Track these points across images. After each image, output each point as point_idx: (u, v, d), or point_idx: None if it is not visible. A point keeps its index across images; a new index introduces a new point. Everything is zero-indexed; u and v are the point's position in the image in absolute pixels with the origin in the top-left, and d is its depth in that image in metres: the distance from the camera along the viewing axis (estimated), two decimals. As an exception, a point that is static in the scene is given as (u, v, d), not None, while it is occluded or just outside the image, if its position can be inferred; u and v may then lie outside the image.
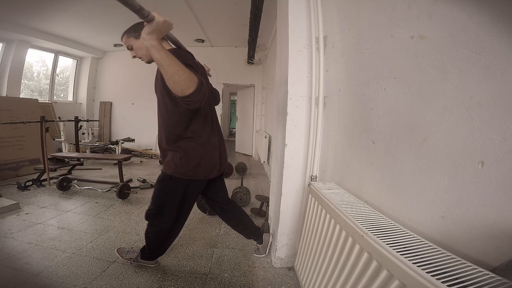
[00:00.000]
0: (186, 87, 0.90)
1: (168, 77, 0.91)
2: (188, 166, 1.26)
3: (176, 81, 0.90)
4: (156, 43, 0.90)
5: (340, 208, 0.93)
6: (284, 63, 1.54)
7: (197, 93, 0.92)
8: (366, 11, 1.05)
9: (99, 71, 6.26)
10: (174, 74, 0.89)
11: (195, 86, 0.91)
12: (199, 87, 0.92)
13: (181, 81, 0.90)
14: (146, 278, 1.48)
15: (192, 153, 1.26)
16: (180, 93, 0.91)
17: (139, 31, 1.20)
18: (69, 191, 3.01)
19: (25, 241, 1.82)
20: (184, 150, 1.25)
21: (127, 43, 1.26)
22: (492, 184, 0.55)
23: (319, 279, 1.06)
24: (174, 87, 0.91)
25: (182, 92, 0.91)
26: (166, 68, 0.90)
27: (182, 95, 0.92)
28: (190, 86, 0.90)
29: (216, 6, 3.58)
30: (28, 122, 3.36)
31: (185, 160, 1.25)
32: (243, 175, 3.85)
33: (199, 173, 1.29)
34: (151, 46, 0.90)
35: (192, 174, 1.28)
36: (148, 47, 0.90)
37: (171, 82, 0.91)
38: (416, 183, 0.76)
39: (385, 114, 0.92)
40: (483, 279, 0.52)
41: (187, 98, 0.92)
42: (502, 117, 0.54)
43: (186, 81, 0.90)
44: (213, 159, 1.35)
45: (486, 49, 0.57)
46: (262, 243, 1.73)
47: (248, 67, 5.65)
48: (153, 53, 0.90)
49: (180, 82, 0.90)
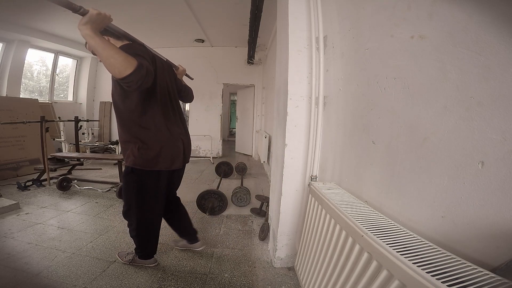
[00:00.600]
0: (123, 69, 0.95)
1: (104, 61, 0.96)
2: (148, 157, 1.27)
3: (111, 63, 0.95)
4: (90, 32, 0.95)
5: (340, 208, 0.93)
6: (284, 63, 1.54)
7: (135, 75, 0.97)
8: (366, 11, 1.05)
9: (99, 71, 6.26)
10: (110, 57, 0.95)
11: (132, 68, 0.96)
12: (138, 69, 0.97)
13: (117, 63, 0.95)
14: (146, 278, 1.48)
15: (150, 143, 1.27)
16: (118, 75, 0.96)
17: None
18: (69, 191, 3.01)
19: (25, 241, 1.82)
20: (142, 140, 1.26)
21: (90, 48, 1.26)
22: (492, 184, 0.55)
23: (319, 279, 1.06)
24: (111, 70, 0.96)
25: (119, 74, 0.96)
26: (100, 52, 0.95)
27: (120, 77, 0.97)
28: (127, 67, 0.95)
29: (216, 6, 3.58)
30: (28, 122, 3.36)
31: (144, 151, 1.26)
32: (243, 175, 3.85)
33: (160, 164, 1.30)
34: (85, 35, 0.96)
35: (152, 164, 1.28)
36: (83, 36, 0.96)
37: (107, 65, 0.96)
38: (416, 183, 0.76)
39: (385, 114, 0.92)
40: (483, 279, 0.52)
41: (125, 79, 0.97)
42: (502, 117, 0.54)
43: (122, 63, 0.95)
44: (175, 149, 1.35)
45: (486, 49, 0.57)
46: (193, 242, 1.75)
47: (248, 67, 5.65)
48: (88, 41, 0.96)
49: (115, 64, 0.95)
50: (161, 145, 1.29)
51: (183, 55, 5.53)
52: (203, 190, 2.42)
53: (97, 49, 0.95)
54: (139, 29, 4.50)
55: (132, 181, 1.33)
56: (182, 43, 5.38)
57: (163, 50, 2.46)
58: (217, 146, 5.90)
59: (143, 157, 1.26)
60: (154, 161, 1.28)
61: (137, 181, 1.32)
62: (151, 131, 1.27)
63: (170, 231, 1.81)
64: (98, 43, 0.95)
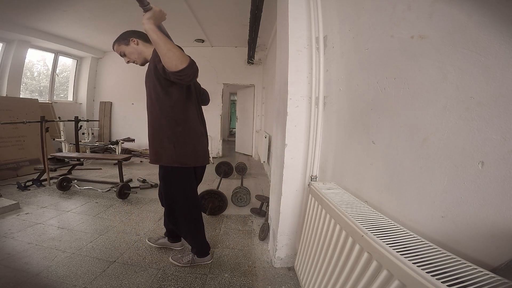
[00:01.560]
0: (179, 62, 1.03)
1: (164, 53, 1.03)
2: (185, 154, 1.33)
3: (170, 57, 1.03)
4: (153, 26, 1.04)
5: (340, 208, 0.93)
6: (284, 63, 1.54)
7: (189, 69, 1.06)
8: (366, 11, 1.05)
9: (99, 71, 6.26)
10: (169, 51, 1.03)
11: (187, 62, 1.05)
12: (191, 64, 1.06)
13: (175, 57, 1.03)
14: (146, 278, 1.48)
15: (186, 140, 1.34)
16: (174, 68, 1.04)
17: (127, 38, 1.35)
18: (69, 191, 3.01)
19: (25, 241, 1.82)
20: (178, 138, 1.32)
21: (119, 50, 1.38)
22: (492, 184, 0.55)
23: (319, 279, 1.06)
24: (168, 63, 1.04)
25: (175, 67, 1.04)
26: (162, 46, 1.03)
27: (176, 70, 1.04)
28: (183, 61, 1.04)
29: (216, 6, 3.58)
30: (28, 122, 3.36)
31: (180, 149, 1.33)
32: (243, 175, 3.85)
33: (195, 160, 1.38)
34: (149, 28, 1.04)
35: (189, 161, 1.35)
36: (147, 29, 1.04)
37: (166, 58, 1.04)
38: (416, 183, 0.76)
39: (385, 114, 0.92)
40: (483, 279, 0.52)
41: (180, 72, 1.05)
42: (502, 117, 0.54)
43: (179, 57, 1.04)
44: (205, 147, 1.45)
45: (486, 49, 0.57)
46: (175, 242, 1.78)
47: (248, 67, 5.65)
48: (151, 34, 1.04)
49: (173, 58, 1.03)
50: (195, 142, 1.37)
51: (183, 55, 5.53)
52: (203, 190, 2.42)
53: (158, 42, 1.03)
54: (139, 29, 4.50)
55: (174, 179, 1.38)
56: (182, 43, 5.30)
57: (163, 50, 2.47)
58: (217, 146, 5.90)
59: (180, 154, 1.33)
60: (191, 158, 1.36)
61: (178, 179, 1.38)
62: (186, 129, 1.34)
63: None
64: (160, 37, 1.03)
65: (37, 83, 5.67)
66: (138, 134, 5.93)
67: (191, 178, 1.43)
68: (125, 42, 1.36)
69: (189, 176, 1.41)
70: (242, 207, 2.68)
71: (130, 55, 1.38)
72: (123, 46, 1.37)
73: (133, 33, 1.39)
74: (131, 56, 1.38)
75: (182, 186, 1.41)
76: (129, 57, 1.38)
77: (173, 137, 1.32)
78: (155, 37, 1.03)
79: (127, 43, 1.36)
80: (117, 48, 1.38)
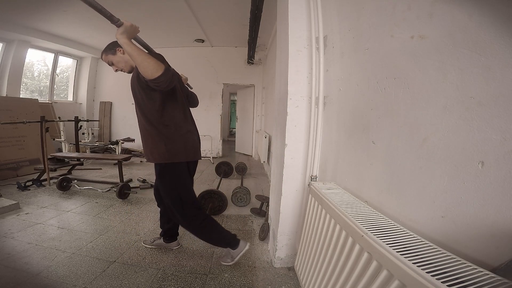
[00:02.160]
0: (154, 71, 1.11)
1: (139, 64, 1.11)
2: (175, 151, 1.40)
3: (145, 66, 1.11)
4: (127, 40, 1.13)
5: (340, 208, 0.93)
6: (284, 63, 1.54)
7: (164, 76, 1.13)
8: (366, 11, 1.05)
9: (99, 71, 6.26)
10: (143, 61, 1.11)
11: (162, 70, 1.12)
12: (166, 71, 1.14)
13: (150, 66, 1.11)
14: (146, 278, 1.48)
15: (174, 138, 1.41)
16: (150, 76, 1.11)
17: (114, 48, 1.42)
18: (69, 191, 3.01)
19: (25, 241, 1.82)
20: (167, 137, 1.40)
21: (107, 60, 1.45)
22: (492, 184, 0.55)
23: (319, 279, 1.06)
24: (144, 72, 1.12)
25: (151, 75, 1.11)
26: (136, 57, 1.11)
27: (152, 78, 1.12)
28: (158, 70, 1.11)
29: (216, 6, 3.58)
30: (28, 122, 3.36)
31: (170, 146, 1.40)
32: (243, 175, 3.85)
33: (186, 155, 1.44)
34: (123, 43, 1.13)
35: (180, 157, 1.42)
36: (121, 44, 1.13)
37: (141, 68, 1.11)
38: (416, 183, 0.76)
39: (385, 114, 0.92)
40: (483, 279, 0.52)
41: (156, 80, 1.12)
42: (502, 117, 0.54)
43: (154, 66, 1.11)
44: (195, 143, 1.52)
45: (486, 49, 0.57)
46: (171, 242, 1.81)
47: (248, 67, 5.65)
48: (125, 48, 1.13)
49: (148, 67, 1.11)
50: (184, 139, 1.44)
51: (183, 55, 5.54)
52: (203, 190, 2.42)
53: (133, 54, 1.11)
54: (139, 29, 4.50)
55: (168, 175, 1.44)
56: (182, 43, 5.39)
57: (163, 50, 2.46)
58: (217, 146, 5.90)
59: (172, 151, 1.40)
60: (182, 153, 1.43)
61: (173, 174, 1.44)
62: (173, 128, 1.41)
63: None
64: (134, 49, 1.12)
65: (37, 83, 5.66)
66: (138, 134, 5.86)
67: (185, 172, 1.48)
68: (112, 52, 1.42)
69: (183, 170, 1.46)
70: (242, 207, 2.68)
71: (118, 63, 1.44)
72: (110, 55, 1.43)
73: None
74: (118, 64, 1.44)
75: (179, 181, 1.45)
76: (117, 65, 1.45)
77: (163, 136, 1.39)
78: (129, 49, 1.11)
79: (114, 53, 1.42)
80: (105, 58, 1.45)
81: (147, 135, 1.43)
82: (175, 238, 1.83)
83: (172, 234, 1.80)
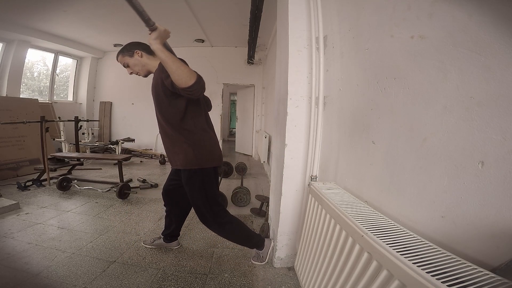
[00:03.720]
0: (188, 79, 1.08)
1: (173, 72, 1.08)
2: (203, 156, 1.38)
3: (179, 74, 1.08)
4: (161, 46, 1.08)
5: (340, 208, 0.93)
6: (284, 63, 1.54)
7: (197, 84, 1.11)
8: (366, 11, 1.05)
9: (99, 71, 6.26)
10: (178, 69, 1.07)
11: (195, 78, 1.10)
12: (198, 79, 1.11)
13: (184, 74, 1.08)
14: (146, 278, 1.48)
15: (202, 143, 1.38)
16: (184, 84, 1.09)
17: (132, 50, 1.38)
18: (69, 191, 3.01)
19: (25, 241, 1.82)
20: (194, 142, 1.37)
21: (123, 61, 1.41)
22: (492, 184, 0.55)
23: (319, 279, 1.06)
24: (178, 80, 1.08)
25: (185, 84, 1.08)
26: (171, 64, 1.07)
27: (185, 86, 1.09)
28: (191, 78, 1.09)
29: (216, 6, 3.58)
30: (28, 122, 3.36)
31: (198, 151, 1.37)
32: (243, 175, 3.85)
33: (214, 160, 1.43)
34: (157, 49, 1.07)
35: (209, 162, 1.40)
36: (155, 49, 1.08)
37: (175, 76, 1.08)
38: (416, 183, 0.76)
39: (385, 114, 0.92)
40: (483, 279, 0.52)
41: (189, 88, 1.10)
42: (502, 117, 0.54)
43: (187, 74, 1.08)
44: (218, 148, 1.49)
45: (486, 49, 0.57)
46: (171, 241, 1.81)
47: (248, 67, 5.64)
48: (158, 54, 1.08)
49: (182, 75, 1.08)
50: (210, 144, 1.42)
51: (183, 55, 5.48)
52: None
53: (167, 61, 1.07)
54: (139, 29, 4.50)
55: (198, 181, 1.40)
56: (182, 43, 5.38)
57: (163, 50, 2.47)
58: (217, 146, 5.89)
59: (200, 157, 1.37)
60: (210, 158, 1.41)
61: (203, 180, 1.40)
62: (198, 134, 1.38)
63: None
64: (168, 56, 1.08)
65: (37, 83, 5.66)
66: (138, 134, 5.93)
67: (214, 176, 1.46)
68: (129, 54, 1.38)
69: (211, 175, 1.44)
70: (242, 207, 2.68)
71: (134, 66, 1.40)
72: (127, 57, 1.39)
73: (137, 45, 1.40)
74: (134, 68, 1.40)
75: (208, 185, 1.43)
76: (133, 68, 1.41)
77: (190, 142, 1.36)
78: (163, 56, 1.07)
79: (131, 55, 1.38)
80: (121, 59, 1.41)
81: (172, 141, 1.39)
82: (175, 238, 1.83)
83: (173, 235, 1.80)
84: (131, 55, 1.38)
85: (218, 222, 1.47)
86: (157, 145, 6.01)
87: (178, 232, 1.82)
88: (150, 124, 5.99)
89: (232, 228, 1.51)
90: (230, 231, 1.53)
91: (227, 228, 1.50)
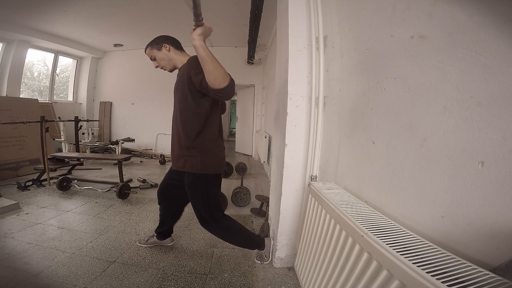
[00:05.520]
0: (222, 81, 1.07)
1: (210, 71, 1.06)
2: (211, 162, 1.36)
3: (215, 75, 1.06)
4: (203, 43, 1.06)
5: (340, 208, 0.93)
6: (284, 63, 1.54)
7: (230, 88, 1.09)
8: (366, 11, 1.05)
9: (99, 71, 6.26)
10: (215, 69, 1.06)
11: (228, 81, 1.08)
12: (231, 83, 1.10)
13: (220, 76, 1.06)
14: (146, 278, 1.48)
15: (211, 150, 1.36)
16: (217, 86, 1.07)
17: (160, 44, 1.37)
18: (69, 191, 3.01)
19: (25, 241, 1.82)
20: (203, 147, 1.34)
21: (150, 54, 1.40)
22: (492, 184, 0.55)
23: (319, 279, 1.06)
24: (213, 80, 1.07)
25: (219, 85, 1.07)
26: (209, 63, 1.05)
27: (219, 88, 1.07)
28: (225, 80, 1.07)
29: (216, 6, 3.58)
30: (28, 122, 3.36)
31: (206, 157, 1.34)
32: (243, 175, 3.85)
33: (220, 168, 1.42)
34: (199, 45, 1.05)
35: (216, 169, 1.39)
36: (197, 45, 1.05)
37: (211, 76, 1.06)
38: (416, 183, 0.76)
39: (385, 114, 0.92)
40: (483, 279, 0.52)
41: (222, 90, 1.08)
42: (502, 117, 0.54)
43: (223, 75, 1.07)
44: (224, 155, 1.47)
45: (486, 49, 0.57)
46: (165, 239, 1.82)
47: (248, 67, 5.64)
48: (199, 51, 1.05)
49: (218, 76, 1.06)
50: (217, 153, 1.39)
51: (183, 55, 5.53)
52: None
53: (207, 60, 1.05)
54: (139, 29, 4.51)
55: (201, 186, 1.38)
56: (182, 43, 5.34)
57: (163, 50, 2.47)
58: (217, 146, 5.89)
59: (205, 163, 1.34)
60: (214, 165, 1.37)
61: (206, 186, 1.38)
62: (207, 139, 1.35)
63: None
64: (209, 54, 1.05)
65: (37, 83, 5.66)
66: (138, 134, 5.93)
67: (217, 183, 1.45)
68: (157, 47, 1.38)
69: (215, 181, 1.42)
70: (242, 207, 2.68)
71: (161, 60, 1.39)
72: (155, 50, 1.38)
73: (166, 38, 1.41)
74: (161, 61, 1.39)
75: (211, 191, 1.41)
76: (159, 62, 1.40)
77: (198, 146, 1.33)
78: (204, 54, 1.04)
79: (159, 48, 1.37)
80: (149, 52, 1.40)
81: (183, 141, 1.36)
82: (169, 235, 1.83)
83: (167, 232, 1.81)
84: (159, 49, 1.37)
85: (218, 226, 1.47)
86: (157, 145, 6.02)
87: (171, 230, 1.82)
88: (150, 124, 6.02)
89: (232, 232, 1.52)
90: (231, 235, 1.53)
91: (227, 232, 1.50)
